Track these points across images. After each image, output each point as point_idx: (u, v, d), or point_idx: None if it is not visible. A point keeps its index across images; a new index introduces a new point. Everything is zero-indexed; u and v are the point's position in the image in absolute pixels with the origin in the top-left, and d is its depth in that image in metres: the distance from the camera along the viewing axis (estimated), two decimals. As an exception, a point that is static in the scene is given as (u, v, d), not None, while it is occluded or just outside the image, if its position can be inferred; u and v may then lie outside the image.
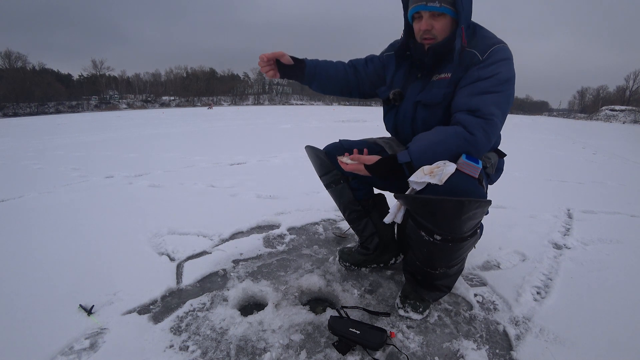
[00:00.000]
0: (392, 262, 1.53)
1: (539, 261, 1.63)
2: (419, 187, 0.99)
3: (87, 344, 1.08)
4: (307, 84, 1.37)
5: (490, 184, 1.27)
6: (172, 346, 1.07)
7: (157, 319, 1.21)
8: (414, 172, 1.03)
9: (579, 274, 1.53)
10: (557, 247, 1.81)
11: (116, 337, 1.10)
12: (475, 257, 1.62)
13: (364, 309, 1.23)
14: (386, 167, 1.10)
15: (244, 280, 1.43)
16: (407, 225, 1.13)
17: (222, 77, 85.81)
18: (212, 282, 1.45)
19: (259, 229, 2.01)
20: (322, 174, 1.45)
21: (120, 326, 1.15)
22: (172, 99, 71.32)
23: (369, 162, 1.12)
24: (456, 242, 1.03)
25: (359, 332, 1.05)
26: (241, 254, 1.67)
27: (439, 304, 1.30)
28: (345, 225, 2.04)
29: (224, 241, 1.82)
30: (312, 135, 7.78)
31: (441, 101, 1.16)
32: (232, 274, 1.49)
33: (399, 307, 1.24)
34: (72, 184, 3.12)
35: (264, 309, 1.24)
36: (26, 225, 2.06)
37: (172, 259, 1.62)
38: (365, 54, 1.45)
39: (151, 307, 1.27)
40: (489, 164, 1.20)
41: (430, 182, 0.96)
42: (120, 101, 65.18)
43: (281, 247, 1.76)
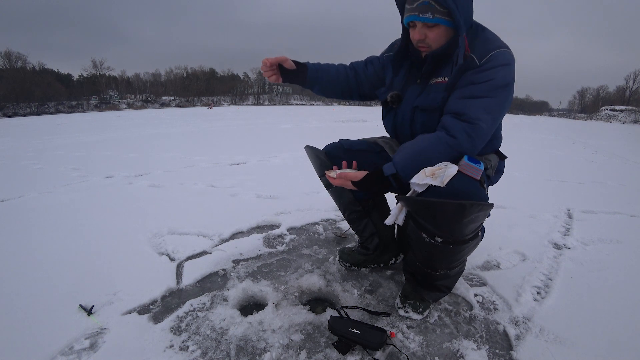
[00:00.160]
0: (392, 262, 1.53)
1: (539, 261, 1.63)
2: (420, 189, 0.99)
3: (87, 344, 1.08)
4: (309, 87, 1.37)
5: (490, 185, 1.27)
6: (172, 346, 1.07)
7: (157, 319, 1.21)
8: (401, 183, 1.04)
9: (579, 274, 1.53)
10: (557, 247, 1.81)
11: (116, 337, 1.10)
12: (475, 257, 1.62)
13: (364, 309, 1.23)
14: (373, 181, 1.10)
15: (244, 280, 1.43)
16: (408, 226, 1.12)
17: (222, 77, 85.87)
18: (212, 282, 1.45)
19: (259, 229, 2.01)
20: (322, 174, 1.45)
21: (120, 326, 1.15)
22: (172, 99, 71.38)
23: (355, 179, 1.12)
24: (457, 245, 1.02)
25: (359, 332, 1.05)
26: (241, 254, 1.67)
27: (439, 304, 1.30)
28: (345, 225, 2.04)
29: (224, 241, 1.82)
30: (312, 135, 7.79)
31: (439, 105, 1.15)
32: (232, 274, 1.49)
33: (399, 307, 1.24)
34: (72, 184, 3.12)
35: (264, 309, 1.24)
36: (26, 225, 2.06)
37: (172, 259, 1.62)
38: (365, 55, 1.45)
39: (151, 307, 1.27)
40: (489, 166, 1.20)
41: (432, 184, 0.96)
42: (120, 101, 65.24)
43: (281, 247, 1.76)
